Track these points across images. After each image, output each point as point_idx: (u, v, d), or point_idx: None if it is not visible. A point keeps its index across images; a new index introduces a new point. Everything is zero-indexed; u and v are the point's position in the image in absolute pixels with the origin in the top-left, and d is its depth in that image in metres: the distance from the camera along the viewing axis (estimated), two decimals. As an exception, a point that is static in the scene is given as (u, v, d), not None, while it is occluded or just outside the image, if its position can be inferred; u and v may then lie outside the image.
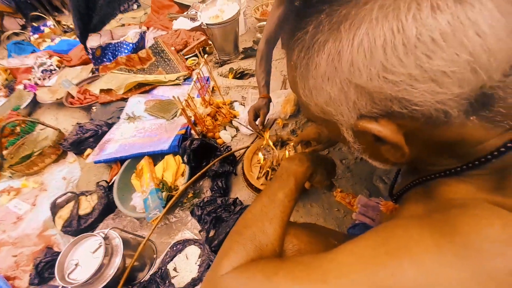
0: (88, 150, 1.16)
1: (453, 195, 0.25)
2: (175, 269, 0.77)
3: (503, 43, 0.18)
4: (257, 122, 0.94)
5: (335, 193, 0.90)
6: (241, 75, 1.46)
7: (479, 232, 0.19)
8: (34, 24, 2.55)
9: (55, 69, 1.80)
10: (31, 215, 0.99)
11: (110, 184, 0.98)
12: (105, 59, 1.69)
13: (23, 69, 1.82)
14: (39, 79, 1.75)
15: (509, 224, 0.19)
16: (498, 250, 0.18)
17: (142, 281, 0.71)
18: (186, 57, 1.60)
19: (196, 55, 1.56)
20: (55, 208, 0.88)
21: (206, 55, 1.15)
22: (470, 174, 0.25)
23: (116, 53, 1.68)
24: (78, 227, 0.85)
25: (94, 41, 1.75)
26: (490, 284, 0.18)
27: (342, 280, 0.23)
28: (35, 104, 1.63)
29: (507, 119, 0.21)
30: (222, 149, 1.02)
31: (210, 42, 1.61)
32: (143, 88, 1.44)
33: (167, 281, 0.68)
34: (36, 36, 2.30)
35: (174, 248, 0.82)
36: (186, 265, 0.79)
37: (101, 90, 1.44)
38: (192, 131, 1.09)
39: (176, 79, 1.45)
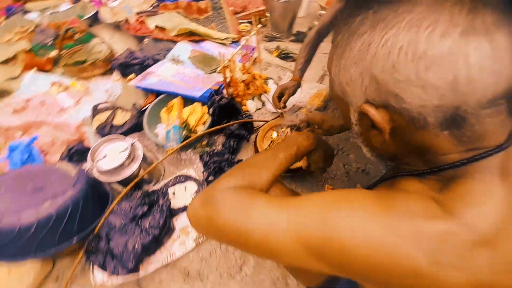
0: (132, 75, 1.30)
1: (408, 188, 0.33)
2: (173, 193, 0.92)
3: (484, 79, 0.23)
4: (281, 101, 1.01)
5: (326, 187, 0.99)
6: (285, 56, 1.51)
7: (407, 204, 0.28)
8: None
9: (121, -8, 1.90)
10: (73, 110, 1.16)
11: (142, 109, 1.12)
12: (168, -1, 1.78)
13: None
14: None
15: (431, 206, 0.27)
16: (410, 214, 0.27)
17: (147, 190, 0.86)
18: (240, 21, 1.66)
19: (250, 22, 1.61)
20: (95, 111, 1.04)
21: (259, 26, 1.20)
22: (427, 177, 0.32)
23: (180, -5, 1.76)
24: (109, 133, 1.00)
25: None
26: (397, 235, 0.27)
27: (300, 211, 0.32)
28: (95, 19, 1.77)
29: (470, 142, 0.27)
30: (244, 115, 1.12)
31: (268, 15, 1.65)
32: (193, 37, 1.53)
33: (165, 198, 0.83)
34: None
35: (177, 179, 0.96)
36: (183, 195, 0.93)
37: (156, 26, 1.55)
38: (224, 90, 1.19)
39: (225, 39, 1.52)
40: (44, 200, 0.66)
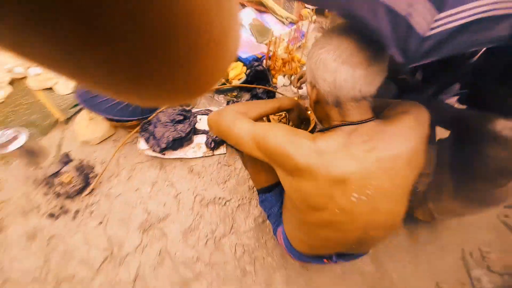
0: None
1: (318, 134, 0.63)
2: (200, 119, 1.29)
3: (346, 87, 0.51)
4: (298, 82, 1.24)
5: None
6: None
7: (306, 135, 0.58)
8: None
9: None
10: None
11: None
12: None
13: None
14: None
15: (313, 137, 0.58)
16: (303, 138, 0.58)
17: (186, 108, 1.24)
18: (306, 6, 1.84)
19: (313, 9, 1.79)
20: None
21: (316, 16, 1.41)
22: (326, 130, 0.61)
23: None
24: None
25: None
26: (292, 144, 0.57)
27: (259, 125, 0.64)
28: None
29: (343, 116, 0.56)
30: (271, 85, 1.40)
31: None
32: (260, 7, 1.77)
33: (194, 118, 1.20)
34: None
35: (206, 111, 1.32)
36: (204, 122, 1.30)
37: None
38: (264, 61, 1.47)
39: (285, 18, 1.74)
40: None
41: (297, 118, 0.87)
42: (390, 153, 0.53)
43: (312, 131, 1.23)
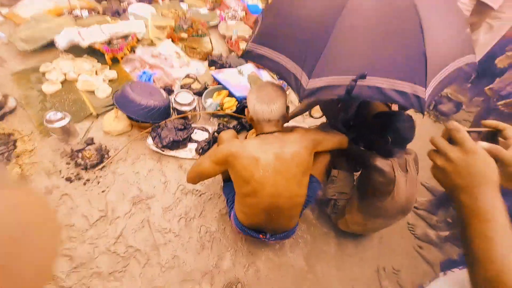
0: (213, 67, 2.20)
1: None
2: (195, 132, 1.72)
3: (260, 114, 0.98)
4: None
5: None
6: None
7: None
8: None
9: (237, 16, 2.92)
10: (177, 69, 2.09)
11: (207, 86, 1.99)
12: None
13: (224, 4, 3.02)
14: (230, 17, 2.90)
15: (248, 139, 1.01)
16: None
17: (187, 122, 1.69)
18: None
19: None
20: (186, 76, 1.94)
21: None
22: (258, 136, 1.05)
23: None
24: (187, 89, 1.88)
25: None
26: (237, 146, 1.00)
27: (212, 151, 1.08)
28: (215, 26, 2.79)
29: (261, 129, 1.02)
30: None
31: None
32: (258, 64, 2.39)
33: (192, 130, 1.64)
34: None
35: (202, 127, 1.77)
36: (200, 135, 1.73)
37: (243, 49, 2.46)
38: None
39: (276, 75, 2.34)
40: (155, 99, 1.53)
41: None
42: (280, 150, 0.98)
43: None
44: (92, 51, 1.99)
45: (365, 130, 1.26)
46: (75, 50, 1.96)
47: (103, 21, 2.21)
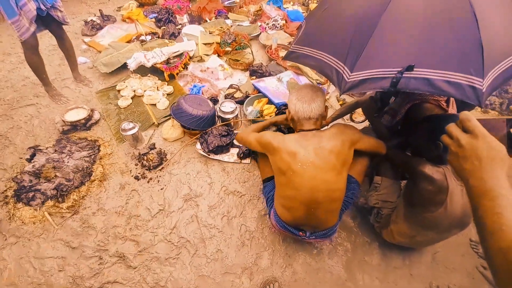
0: (254, 77, 2.34)
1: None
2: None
3: (301, 113, 1.05)
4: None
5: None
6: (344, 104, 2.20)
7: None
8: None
9: (278, 26, 3.03)
10: (221, 81, 2.31)
11: (248, 95, 2.13)
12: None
13: (265, 15, 3.16)
14: (270, 27, 3.04)
15: (288, 135, 1.08)
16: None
17: (230, 128, 1.85)
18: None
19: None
20: (229, 86, 2.13)
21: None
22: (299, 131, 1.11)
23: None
24: (230, 98, 2.06)
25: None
26: (270, 137, 1.09)
27: (257, 135, 1.19)
28: (256, 37, 2.96)
29: (301, 126, 1.09)
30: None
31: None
32: (298, 70, 2.44)
33: (235, 134, 1.79)
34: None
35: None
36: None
37: (282, 57, 2.54)
38: (291, 106, 2.04)
39: (315, 80, 2.36)
40: (203, 109, 1.74)
41: (285, 127, 1.46)
42: (319, 146, 1.02)
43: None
44: (154, 70, 2.36)
45: (413, 135, 1.17)
46: (141, 70, 2.36)
47: (162, 44, 2.59)
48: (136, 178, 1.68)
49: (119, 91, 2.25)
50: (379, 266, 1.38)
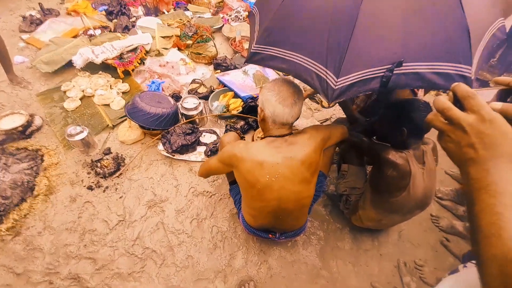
0: (219, 71, 2.24)
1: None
2: (204, 135, 1.77)
3: (278, 117, 0.93)
4: None
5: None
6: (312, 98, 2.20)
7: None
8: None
9: (241, 18, 2.94)
10: (183, 76, 2.16)
11: (213, 90, 2.03)
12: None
13: (227, 7, 3.05)
14: (233, 19, 2.93)
15: (253, 141, 1.00)
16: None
17: (195, 126, 1.73)
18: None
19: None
20: (192, 81, 1.99)
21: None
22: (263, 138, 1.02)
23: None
24: (193, 94, 1.94)
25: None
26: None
27: (219, 154, 1.09)
28: (219, 30, 2.84)
29: (275, 130, 0.97)
30: (260, 116, 1.89)
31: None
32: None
33: (200, 134, 1.68)
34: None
35: (210, 130, 1.81)
36: (208, 138, 1.77)
37: (247, 48, 2.47)
38: (257, 99, 1.98)
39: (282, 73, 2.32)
40: (163, 107, 1.59)
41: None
42: (289, 155, 0.92)
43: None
44: (106, 67, 2.12)
45: (378, 122, 1.18)
46: (91, 68, 2.11)
47: (114, 38, 2.35)
48: (90, 188, 1.50)
49: (65, 92, 1.99)
50: (351, 250, 1.40)
